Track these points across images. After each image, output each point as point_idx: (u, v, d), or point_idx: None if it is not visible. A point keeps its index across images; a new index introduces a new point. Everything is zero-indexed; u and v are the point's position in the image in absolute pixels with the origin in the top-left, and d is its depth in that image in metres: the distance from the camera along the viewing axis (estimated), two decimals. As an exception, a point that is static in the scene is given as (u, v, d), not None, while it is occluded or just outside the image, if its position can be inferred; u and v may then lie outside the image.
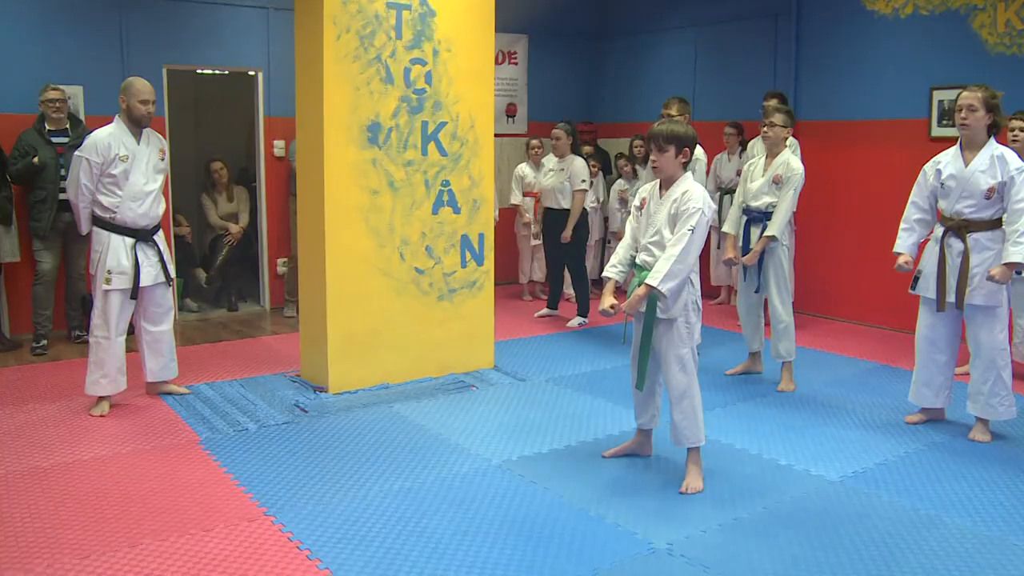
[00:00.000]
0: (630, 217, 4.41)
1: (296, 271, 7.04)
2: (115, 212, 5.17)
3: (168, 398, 5.53)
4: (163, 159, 5.40)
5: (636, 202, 4.35)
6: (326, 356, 5.61)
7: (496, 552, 3.56)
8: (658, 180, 4.26)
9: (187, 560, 3.47)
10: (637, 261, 4.26)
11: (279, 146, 8.20)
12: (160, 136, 5.46)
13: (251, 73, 8.15)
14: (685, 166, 4.17)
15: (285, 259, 8.29)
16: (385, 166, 5.69)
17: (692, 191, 4.09)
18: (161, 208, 5.38)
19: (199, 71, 8.62)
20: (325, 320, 5.58)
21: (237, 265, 8.45)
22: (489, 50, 6.18)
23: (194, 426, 5.02)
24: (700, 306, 4.25)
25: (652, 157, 4.19)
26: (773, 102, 6.77)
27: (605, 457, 4.60)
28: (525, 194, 8.67)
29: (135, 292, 5.24)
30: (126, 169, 5.15)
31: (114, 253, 5.17)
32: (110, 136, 5.15)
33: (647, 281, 4.03)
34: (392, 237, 5.77)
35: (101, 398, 5.27)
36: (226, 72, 8.42)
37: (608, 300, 4.19)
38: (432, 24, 5.80)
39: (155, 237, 5.35)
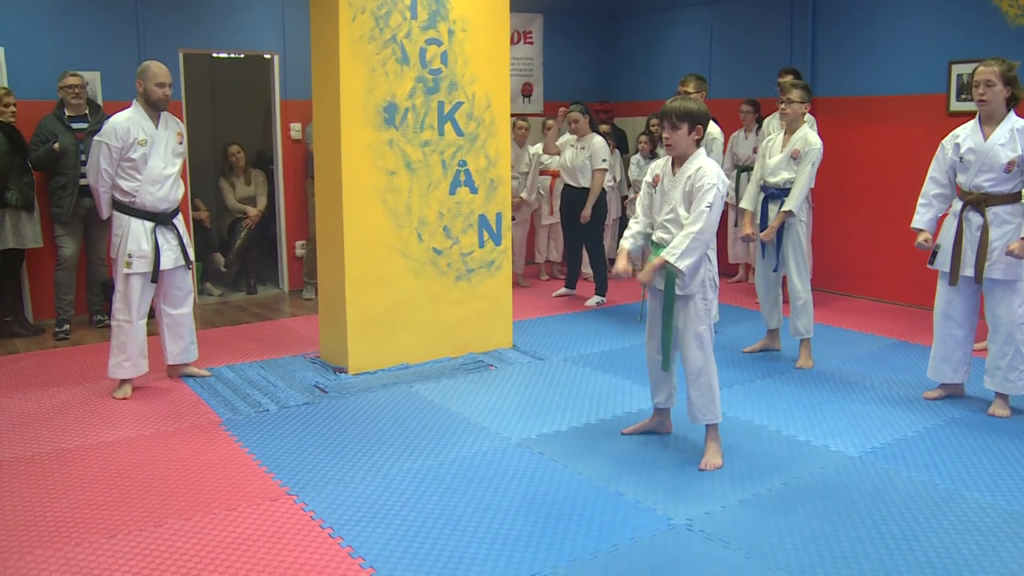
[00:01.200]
0: (640, 193, 4.41)
1: (314, 253, 7.07)
2: (135, 196, 5.21)
3: (189, 380, 5.58)
4: (181, 143, 5.43)
5: (648, 178, 4.34)
6: (345, 337, 5.65)
7: (517, 529, 3.59)
8: (670, 157, 4.25)
9: (212, 539, 3.51)
10: (653, 239, 4.26)
11: (296, 129, 8.23)
12: (177, 120, 5.48)
13: (267, 56, 8.17)
14: (698, 143, 4.16)
15: (303, 241, 8.33)
16: (402, 147, 5.70)
17: (706, 167, 4.08)
18: (180, 191, 5.42)
19: (215, 55, 8.64)
20: (344, 301, 5.61)
21: (256, 248, 8.49)
22: (504, 30, 6.17)
23: (216, 408, 5.08)
24: (717, 283, 4.25)
25: (665, 135, 4.18)
26: (789, 78, 6.73)
27: (624, 434, 4.63)
28: (542, 173, 8.67)
29: (155, 275, 5.28)
30: (145, 153, 5.19)
31: (134, 237, 5.21)
32: (128, 120, 5.18)
33: (664, 256, 4.05)
34: (410, 218, 5.78)
35: (124, 381, 5.33)
36: (242, 56, 8.44)
37: (622, 264, 4.23)
38: (447, 4, 5.80)
39: (174, 220, 5.39)
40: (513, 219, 8.44)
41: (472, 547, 3.44)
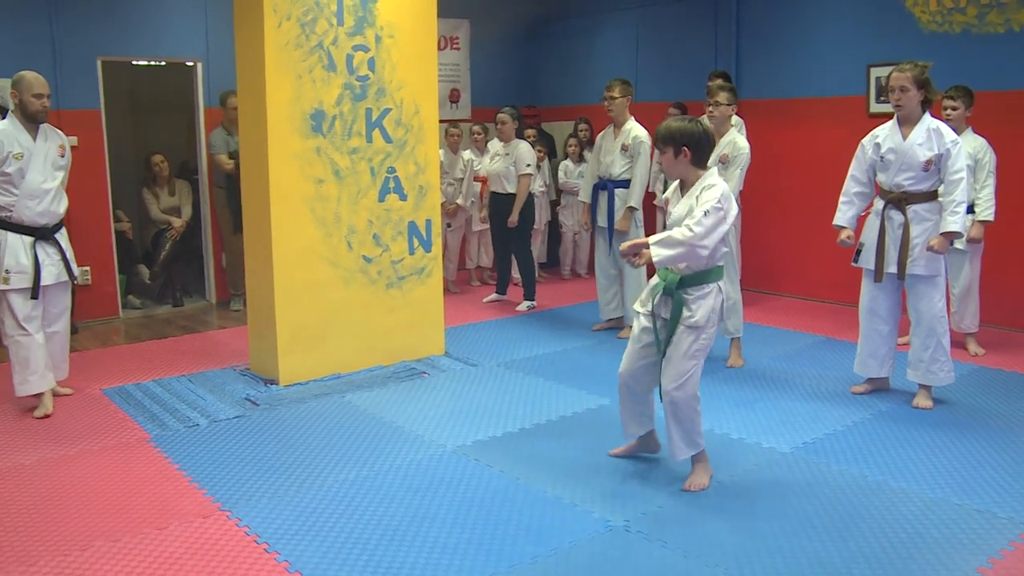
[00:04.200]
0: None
1: (235, 264, 6.95)
2: (11, 211, 5.01)
3: (116, 397, 5.43)
4: (63, 156, 5.20)
5: (660, 200, 4.18)
6: (275, 348, 5.56)
7: (455, 536, 3.57)
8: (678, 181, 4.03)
9: (141, 560, 3.42)
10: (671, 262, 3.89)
11: (220, 138, 8.08)
12: (59, 132, 5.28)
13: (190, 64, 8.01)
14: (695, 164, 3.87)
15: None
16: (330, 154, 5.64)
17: (715, 186, 3.81)
18: (63, 206, 5.22)
19: (135, 63, 8.45)
20: (273, 312, 5.53)
21: (181, 260, 8.32)
22: (431, 35, 6.14)
23: (143, 424, 4.95)
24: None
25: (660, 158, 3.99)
26: (718, 81, 6.83)
27: (612, 456, 4.36)
28: (475, 179, 8.67)
29: (36, 291, 5.08)
30: (21, 167, 4.98)
31: (12, 252, 5.02)
32: (2, 134, 4.97)
33: (652, 241, 3.78)
34: (339, 226, 5.72)
35: (41, 397, 5.14)
36: (164, 63, 8.27)
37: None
38: (374, 10, 5.75)
39: (57, 235, 5.22)
40: (449, 226, 8.45)
41: (411, 557, 3.41)
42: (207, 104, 8.02)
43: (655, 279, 3.99)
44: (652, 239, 3.80)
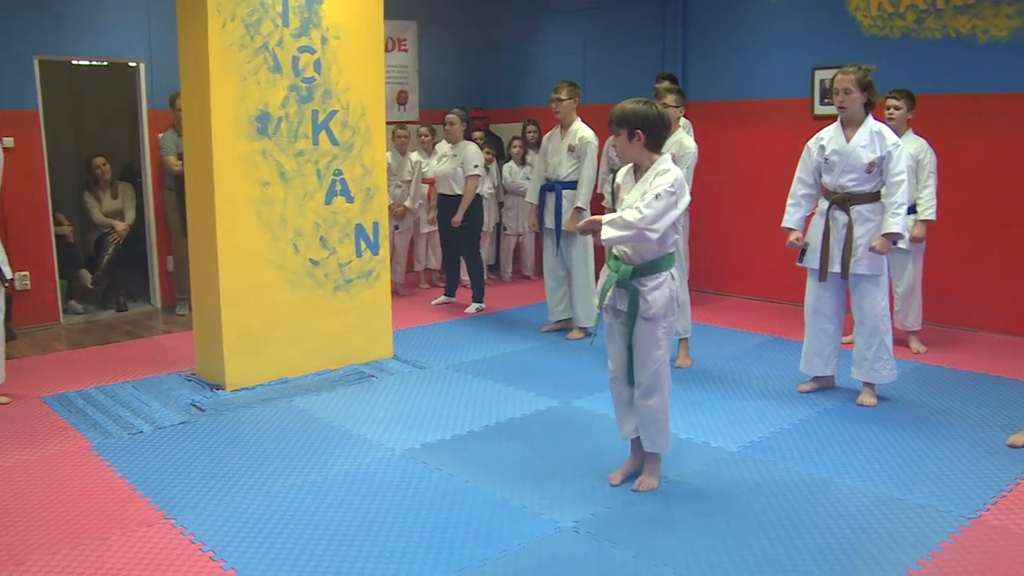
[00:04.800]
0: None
1: (182, 268, 6.85)
2: None
3: (56, 404, 5.31)
4: None
5: (612, 186, 4.08)
6: (221, 353, 5.48)
7: (403, 541, 3.54)
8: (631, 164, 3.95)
9: (82, 572, 3.34)
10: (614, 252, 3.88)
11: (163, 140, 7.96)
12: None
13: (132, 64, 7.88)
14: (649, 148, 3.80)
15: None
16: (275, 157, 5.58)
17: (669, 171, 3.74)
18: None
19: (75, 62, 8.29)
20: (219, 316, 5.45)
21: (124, 264, 8.17)
22: (378, 37, 6.10)
23: (84, 432, 4.84)
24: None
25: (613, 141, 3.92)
26: (666, 84, 6.89)
27: (614, 483, 4.08)
28: (423, 181, 8.64)
29: None
30: None
31: None
32: None
33: (604, 220, 3.72)
34: (285, 229, 5.66)
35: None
36: (105, 63, 8.11)
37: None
38: (319, 11, 5.70)
39: None
40: (397, 228, 8.40)
41: (359, 562, 3.38)
42: (150, 106, 7.89)
43: (604, 272, 3.95)
44: (604, 218, 3.74)
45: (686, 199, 3.79)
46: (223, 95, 5.33)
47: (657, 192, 3.67)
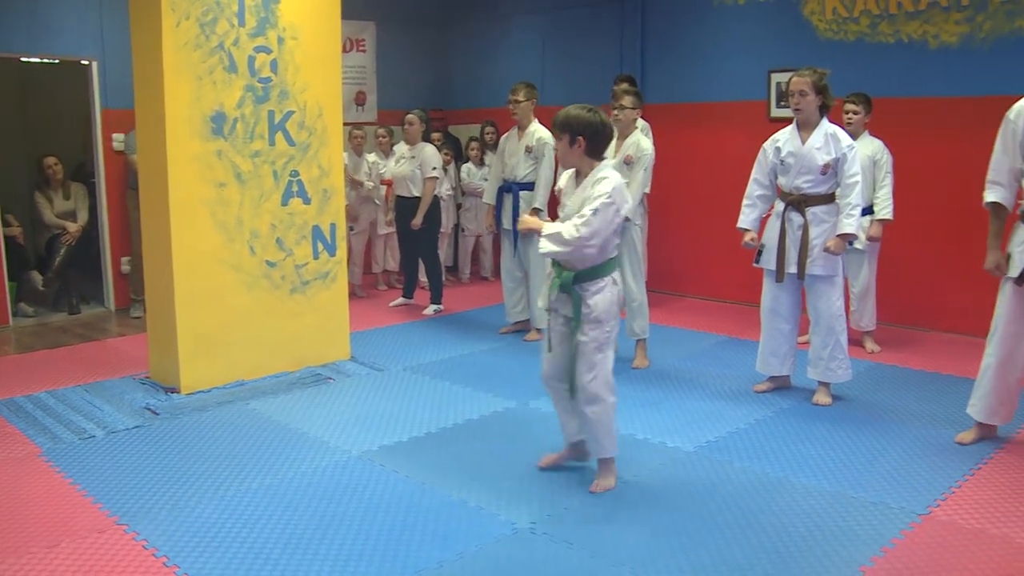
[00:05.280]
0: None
1: (140, 269, 6.77)
2: None
3: (3, 409, 5.21)
4: None
5: (555, 189, 4.11)
6: (176, 356, 5.42)
7: (360, 544, 3.52)
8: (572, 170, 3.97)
9: (31, 577, 3.28)
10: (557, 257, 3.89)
11: (118, 140, 7.84)
12: None
13: (84, 63, 7.75)
14: (590, 155, 3.81)
15: (128, 257, 7.95)
16: (231, 158, 5.52)
17: (607, 179, 3.75)
18: None
19: (24, 60, 8.14)
20: (174, 319, 5.38)
21: (77, 266, 8.04)
22: (335, 37, 6.07)
23: (33, 437, 4.75)
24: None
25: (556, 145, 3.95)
26: (623, 86, 6.91)
27: (541, 468, 4.23)
28: (381, 182, 8.60)
29: None
30: None
31: None
32: None
33: (544, 232, 3.74)
34: (241, 231, 5.61)
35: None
36: (57, 61, 7.98)
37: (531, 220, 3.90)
38: (276, 11, 5.66)
39: None
40: (352, 229, 8.35)
41: (315, 566, 3.35)
42: (104, 105, 7.77)
43: (555, 279, 3.94)
44: (544, 229, 3.76)
45: (627, 204, 3.82)
46: (177, 95, 5.27)
47: (595, 207, 3.68)
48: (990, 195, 4.30)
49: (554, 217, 4.04)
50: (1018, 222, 4.28)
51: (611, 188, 3.72)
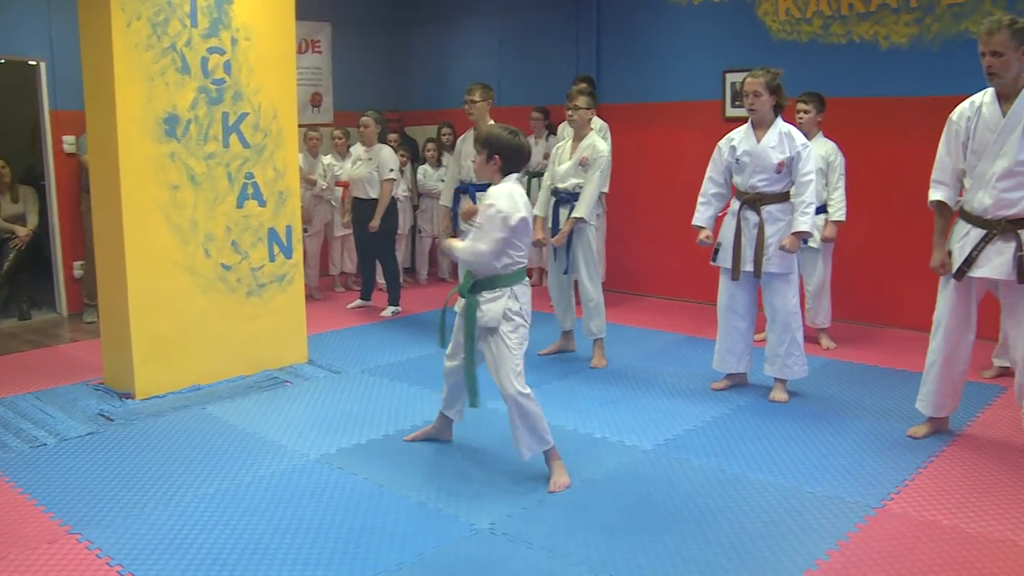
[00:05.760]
0: None
1: (93, 273, 6.66)
2: None
3: (-46, 416, 5.12)
4: None
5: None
6: (131, 360, 5.35)
7: (319, 548, 3.50)
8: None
9: (-20, 589, 3.22)
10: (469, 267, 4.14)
11: (69, 142, 7.73)
12: None
13: (32, 63, 7.62)
14: (502, 172, 4.03)
15: (81, 262, 7.83)
16: (184, 160, 5.46)
17: (501, 196, 3.96)
18: None
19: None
20: (128, 323, 5.31)
21: (27, 270, 7.90)
22: (290, 38, 6.02)
23: (-16, 445, 4.67)
24: (527, 319, 4.10)
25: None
26: (579, 87, 6.93)
27: (407, 441, 4.63)
28: (335, 183, 8.56)
29: None
30: None
31: None
32: None
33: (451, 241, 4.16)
34: (195, 233, 5.55)
35: None
36: (2, 61, 7.83)
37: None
38: (229, 12, 5.60)
39: None
40: (306, 231, 8.29)
41: (273, 570, 3.32)
42: (53, 106, 7.65)
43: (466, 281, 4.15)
44: (455, 240, 4.16)
45: (515, 218, 3.93)
46: (129, 97, 5.20)
47: (479, 222, 3.99)
48: (935, 194, 4.40)
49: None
50: (957, 220, 4.37)
51: (501, 202, 3.94)
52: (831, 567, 3.29)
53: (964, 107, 4.29)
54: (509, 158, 4.02)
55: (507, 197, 3.96)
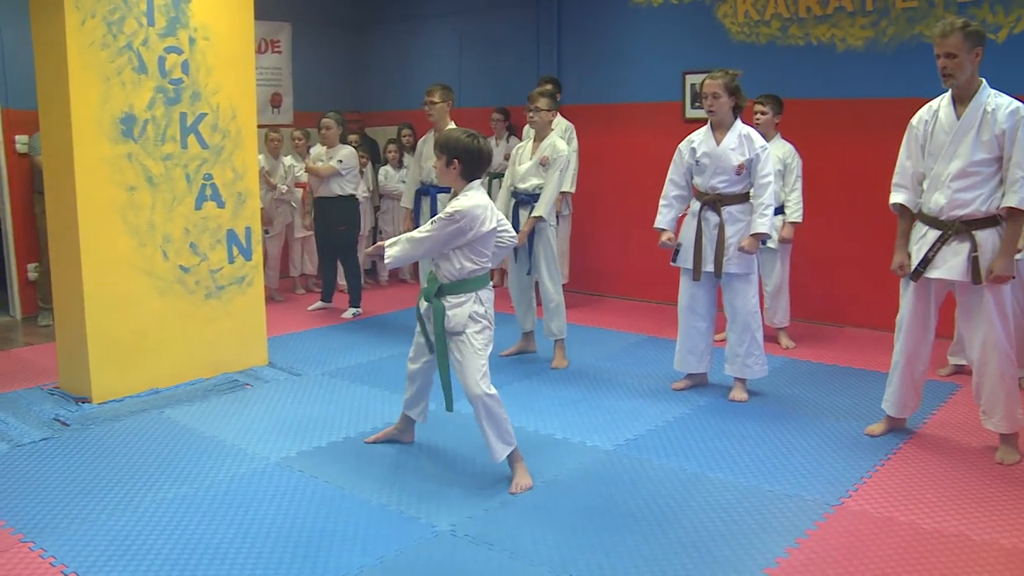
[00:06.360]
0: None
1: (48, 276, 6.56)
2: None
3: (-96, 422, 5.01)
4: None
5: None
6: (87, 364, 5.27)
7: (279, 552, 3.46)
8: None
9: (-72, 601, 3.15)
10: (431, 267, 4.17)
11: (22, 141, 7.60)
12: None
13: (-17, 62, 7.50)
14: (464, 177, 4.03)
15: (35, 264, 7.70)
16: (142, 160, 5.39)
17: (463, 198, 3.98)
18: None
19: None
20: (84, 326, 5.23)
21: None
22: (249, 38, 5.97)
23: (-66, 452, 4.57)
24: (492, 321, 4.12)
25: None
26: (542, 88, 6.94)
27: (368, 443, 4.62)
28: (296, 185, 8.51)
29: None
30: None
31: None
32: None
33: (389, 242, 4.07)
34: (153, 235, 5.48)
35: None
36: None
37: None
38: (187, 11, 5.54)
39: None
40: (267, 232, 8.23)
41: (232, 575, 3.29)
42: (4, 105, 7.52)
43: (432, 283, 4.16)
44: (388, 240, 4.08)
45: (478, 227, 3.97)
46: (84, 96, 5.12)
47: (434, 218, 4.00)
48: (895, 197, 4.47)
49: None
50: (916, 222, 4.44)
51: (461, 206, 3.94)
52: (791, 564, 3.32)
53: (923, 112, 4.37)
54: (468, 162, 4.02)
55: (471, 212, 3.95)
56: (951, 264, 4.24)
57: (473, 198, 3.99)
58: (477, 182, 4.08)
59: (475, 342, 4.03)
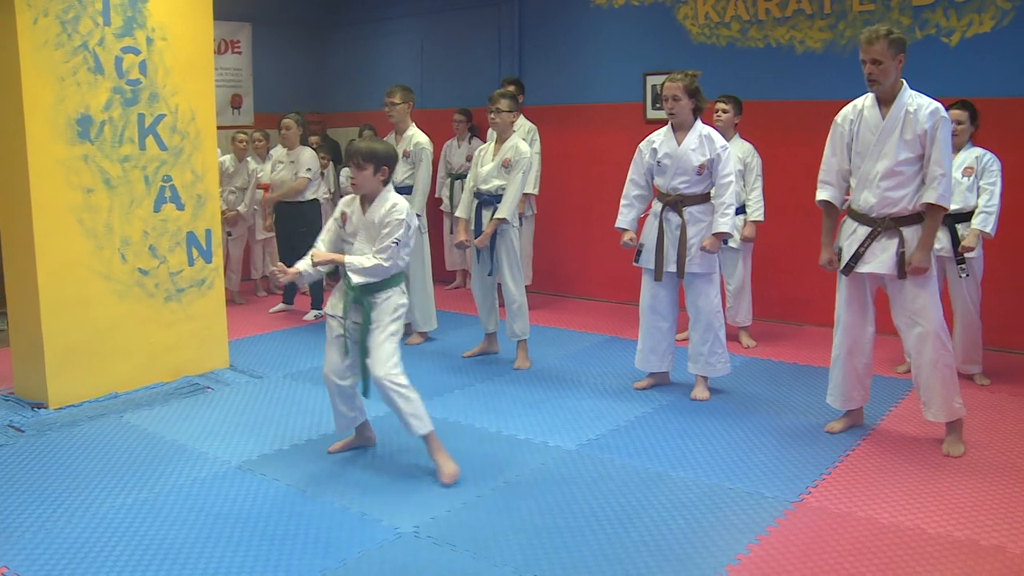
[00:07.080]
0: (326, 227, 4.43)
1: (2, 280, 6.45)
2: None
3: None
4: None
5: (336, 214, 4.36)
6: (43, 369, 5.19)
7: (240, 556, 3.44)
8: (359, 195, 4.26)
9: None
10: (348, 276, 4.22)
11: (-25, 144, 7.46)
12: None
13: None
14: (385, 183, 4.20)
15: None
16: (99, 162, 5.32)
17: (399, 205, 4.16)
18: None
19: None
20: (40, 331, 5.15)
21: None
22: (207, 38, 5.92)
23: None
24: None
25: (351, 174, 4.20)
26: (504, 89, 6.94)
27: (331, 452, 4.54)
28: (257, 186, 8.44)
29: None
30: None
31: None
32: None
33: (349, 265, 4.15)
34: (111, 238, 5.42)
35: None
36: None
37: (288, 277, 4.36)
38: (144, 10, 5.48)
39: None
40: (230, 235, 8.16)
41: (191, 580, 3.26)
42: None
43: (349, 292, 4.25)
44: (351, 267, 4.14)
45: (415, 223, 4.29)
46: (37, 97, 5.04)
47: (396, 238, 4.09)
48: (821, 194, 4.60)
49: (435, 230, 4.14)
50: (846, 218, 4.53)
51: (404, 210, 4.15)
52: (751, 561, 3.35)
53: (847, 110, 4.49)
54: (391, 168, 4.21)
55: (409, 211, 4.19)
56: (881, 259, 4.36)
57: (399, 198, 4.21)
58: (391, 185, 4.25)
59: (391, 329, 4.19)
